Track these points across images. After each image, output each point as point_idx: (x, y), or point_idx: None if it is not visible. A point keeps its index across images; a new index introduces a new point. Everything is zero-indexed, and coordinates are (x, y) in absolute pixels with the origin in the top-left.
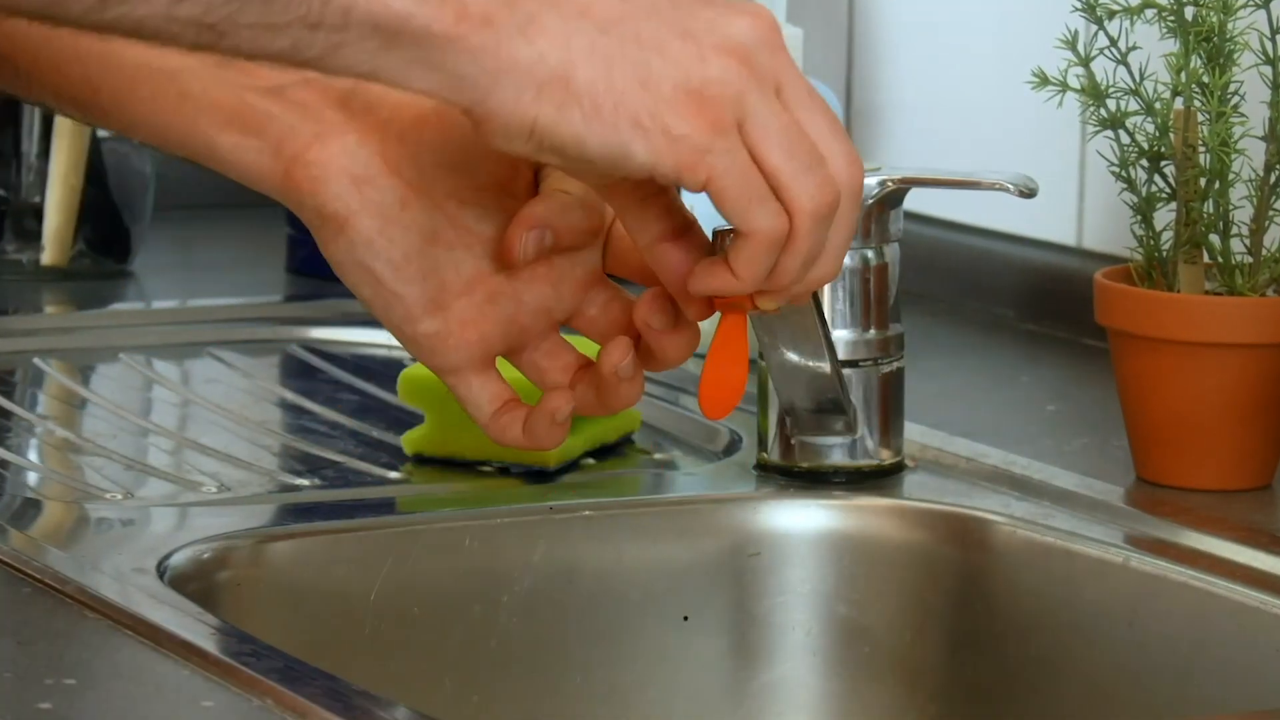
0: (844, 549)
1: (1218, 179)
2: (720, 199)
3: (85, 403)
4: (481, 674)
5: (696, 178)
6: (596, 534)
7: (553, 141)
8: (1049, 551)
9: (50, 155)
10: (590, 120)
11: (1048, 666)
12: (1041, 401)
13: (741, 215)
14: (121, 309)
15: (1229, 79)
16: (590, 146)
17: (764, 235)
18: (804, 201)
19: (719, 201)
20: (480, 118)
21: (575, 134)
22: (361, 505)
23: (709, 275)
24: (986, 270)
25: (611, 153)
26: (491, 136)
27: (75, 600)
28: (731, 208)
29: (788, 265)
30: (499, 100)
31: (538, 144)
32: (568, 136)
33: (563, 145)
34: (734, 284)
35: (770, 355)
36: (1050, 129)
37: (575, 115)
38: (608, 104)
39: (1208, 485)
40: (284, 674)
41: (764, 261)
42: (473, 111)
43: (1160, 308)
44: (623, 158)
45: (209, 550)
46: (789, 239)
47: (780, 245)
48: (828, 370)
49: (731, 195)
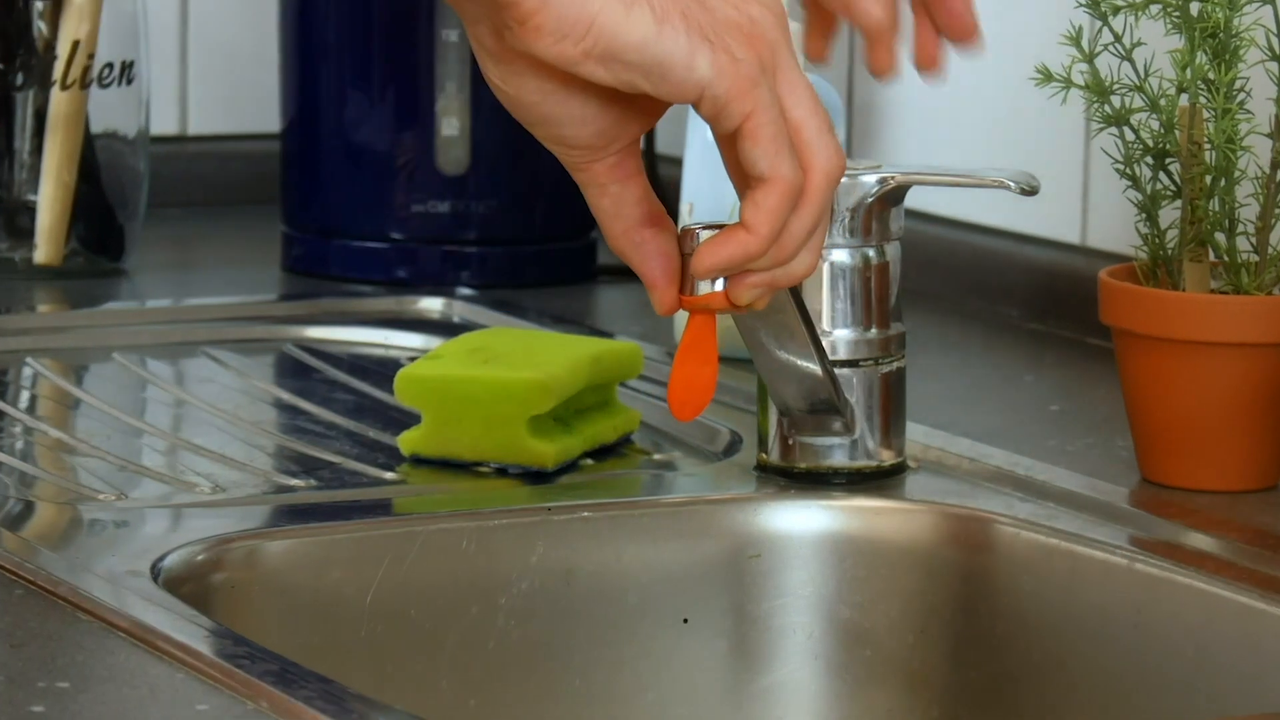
0: (845, 551)
1: (1223, 176)
2: (754, 138)
3: (78, 403)
4: (479, 677)
5: (741, 108)
6: (595, 535)
7: (613, 43)
8: (1053, 553)
9: (43, 152)
10: (662, 24)
11: (1051, 670)
12: (1045, 401)
13: (771, 160)
14: (115, 308)
15: (1235, 75)
16: (656, 49)
17: (787, 184)
18: (821, 161)
19: (750, 141)
20: (529, 10)
21: (643, 36)
22: (357, 506)
23: (721, 245)
24: (989, 269)
25: (676, 60)
26: (537, 34)
27: (68, 602)
28: (763, 150)
29: (795, 230)
30: None
31: (590, 45)
32: (634, 37)
33: (623, 48)
34: (749, 245)
35: (758, 356)
36: (1054, 126)
37: (645, 16)
38: (675, 11)
39: (1213, 486)
40: (279, 677)
41: (782, 214)
42: (522, 4)
43: (1165, 307)
44: (686, 68)
45: (203, 552)
46: (802, 198)
47: (795, 201)
48: (818, 369)
49: (766, 136)
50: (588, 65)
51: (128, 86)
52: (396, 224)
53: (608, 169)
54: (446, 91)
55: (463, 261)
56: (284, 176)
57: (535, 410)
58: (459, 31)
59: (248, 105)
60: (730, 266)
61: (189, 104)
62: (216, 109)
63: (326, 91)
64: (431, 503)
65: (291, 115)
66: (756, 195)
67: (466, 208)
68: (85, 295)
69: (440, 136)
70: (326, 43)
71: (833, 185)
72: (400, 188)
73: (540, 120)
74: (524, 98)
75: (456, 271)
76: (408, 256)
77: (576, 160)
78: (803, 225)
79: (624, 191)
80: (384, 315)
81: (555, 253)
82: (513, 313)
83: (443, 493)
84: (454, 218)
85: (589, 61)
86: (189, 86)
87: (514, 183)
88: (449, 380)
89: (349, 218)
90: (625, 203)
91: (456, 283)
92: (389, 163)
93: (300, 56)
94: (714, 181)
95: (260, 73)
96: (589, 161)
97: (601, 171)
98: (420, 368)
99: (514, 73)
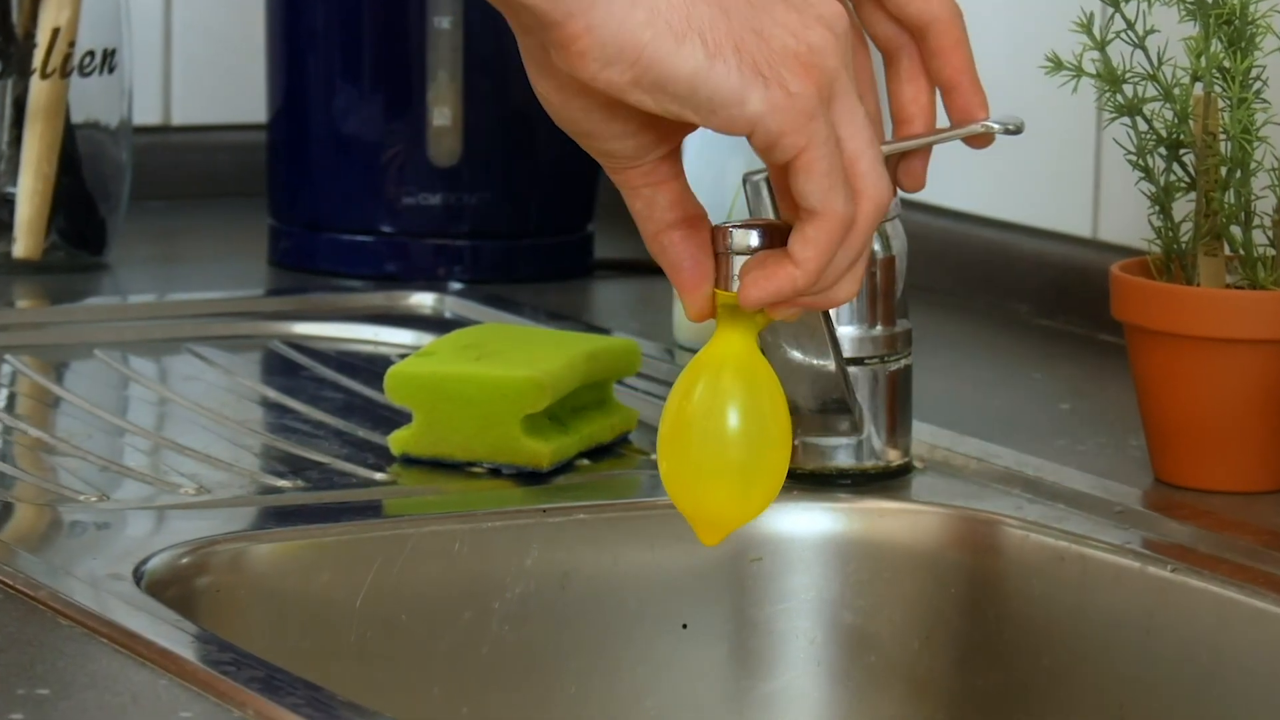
0: (849, 554)
1: (1239, 168)
2: (808, 173)
3: (59, 401)
4: (471, 684)
5: (795, 143)
6: (592, 538)
7: (662, 73)
8: (1062, 556)
9: (22, 142)
10: (714, 59)
11: (1061, 676)
12: (1055, 400)
13: (823, 195)
14: (96, 303)
15: (1251, 63)
16: (706, 85)
17: (840, 219)
18: (872, 192)
19: (804, 175)
20: (573, 34)
21: (694, 69)
22: (346, 508)
23: (768, 278)
24: (998, 263)
25: (726, 96)
26: (581, 60)
27: (48, 607)
28: (817, 185)
29: (840, 261)
30: (604, 14)
31: (638, 74)
32: (684, 71)
33: (672, 79)
34: (796, 279)
35: (773, 354)
36: (1065, 116)
37: (696, 50)
38: (729, 44)
39: (1228, 487)
40: (265, 684)
41: (832, 249)
42: (567, 26)
43: (1179, 302)
44: (737, 104)
45: (187, 555)
46: (851, 230)
47: (846, 235)
48: (833, 368)
49: (820, 170)
50: (635, 94)
51: (110, 75)
52: (387, 217)
53: (643, 174)
54: (438, 80)
55: (455, 256)
56: (271, 168)
57: (530, 409)
58: (451, 19)
59: (233, 94)
60: (777, 299)
61: (173, 93)
62: (201, 98)
63: (315, 80)
64: (423, 504)
65: (279, 105)
66: (807, 230)
67: (459, 200)
68: (66, 290)
69: (432, 127)
70: (315, 29)
71: (881, 217)
72: (391, 180)
73: (582, 133)
74: (569, 113)
75: (449, 266)
76: (398, 250)
77: (613, 165)
78: (848, 256)
79: (657, 195)
80: (374, 311)
81: (550, 247)
82: (506, 308)
83: (434, 494)
84: (446, 210)
85: (636, 90)
86: (173, 75)
87: (508, 174)
88: (441, 378)
89: (338, 210)
90: (658, 206)
91: (449, 277)
92: (379, 154)
93: (288, 44)
94: (711, 169)
95: (246, 61)
96: (626, 168)
97: (637, 176)
98: (411, 365)
99: (559, 87)
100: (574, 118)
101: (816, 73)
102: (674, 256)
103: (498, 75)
